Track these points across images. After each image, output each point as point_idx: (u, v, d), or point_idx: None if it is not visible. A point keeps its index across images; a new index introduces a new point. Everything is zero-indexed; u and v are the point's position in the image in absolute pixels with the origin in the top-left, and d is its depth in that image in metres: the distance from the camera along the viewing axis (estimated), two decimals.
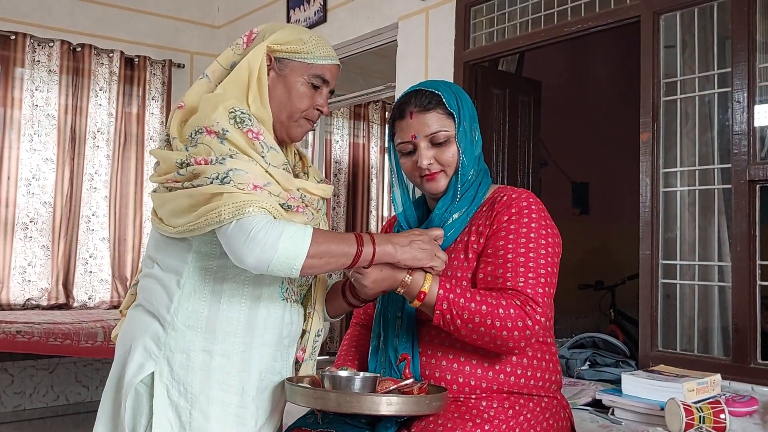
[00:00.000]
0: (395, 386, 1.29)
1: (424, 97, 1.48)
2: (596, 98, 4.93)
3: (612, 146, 4.71)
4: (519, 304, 1.33)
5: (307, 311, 1.53)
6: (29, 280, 4.52)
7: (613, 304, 4.24)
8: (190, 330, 1.37)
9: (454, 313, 1.32)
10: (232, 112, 1.34)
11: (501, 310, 1.32)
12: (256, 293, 1.40)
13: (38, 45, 4.60)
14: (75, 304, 4.61)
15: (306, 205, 1.41)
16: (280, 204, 1.33)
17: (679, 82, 2.55)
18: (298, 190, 1.39)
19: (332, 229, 5.82)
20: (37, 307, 4.48)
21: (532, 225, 1.42)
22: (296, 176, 1.51)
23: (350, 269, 1.34)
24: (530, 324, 1.33)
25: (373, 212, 6.03)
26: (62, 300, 4.57)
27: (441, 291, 1.34)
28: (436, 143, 1.47)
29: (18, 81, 4.53)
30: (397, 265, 1.34)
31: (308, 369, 1.51)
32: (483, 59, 3.34)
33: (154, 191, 1.42)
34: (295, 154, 1.60)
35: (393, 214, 1.70)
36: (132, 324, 1.44)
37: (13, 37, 4.50)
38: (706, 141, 2.53)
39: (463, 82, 3.31)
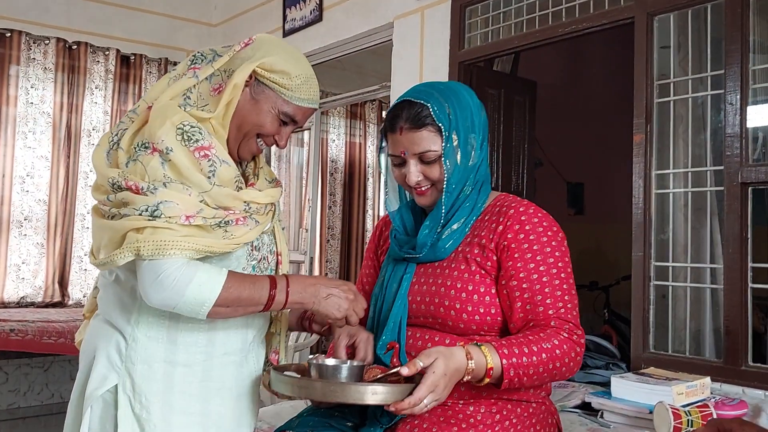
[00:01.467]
0: (382, 374, 1.29)
1: (414, 112, 1.42)
2: (591, 99, 4.93)
3: (607, 146, 4.69)
4: (566, 336, 1.35)
5: (272, 314, 1.53)
6: (23, 278, 4.51)
7: (607, 304, 4.23)
8: (152, 341, 1.36)
9: (521, 374, 1.29)
10: (180, 127, 1.30)
11: (558, 351, 1.32)
12: None
13: (34, 42, 4.59)
14: (70, 302, 4.61)
15: (250, 215, 1.38)
16: (216, 223, 1.31)
17: (672, 84, 2.55)
18: (245, 202, 1.37)
19: (328, 228, 5.83)
20: (32, 304, 4.47)
21: (553, 243, 1.41)
22: (246, 180, 1.49)
23: (264, 312, 1.36)
24: (579, 350, 1.36)
25: (370, 211, 6.03)
26: (57, 298, 4.57)
27: (504, 361, 1.27)
28: (425, 161, 1.44)
29: (13, 78, 4.52)
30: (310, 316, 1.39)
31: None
32: (478, 59, 3.34)
33: (93, 209, 1.39)
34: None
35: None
36: (94, 334, 1.43)
37: (8, 35, 4.50)
38: (699, 143, 2.52)
39: (457, 81, 3.30)
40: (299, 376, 1.32)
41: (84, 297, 4.69)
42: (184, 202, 1.27)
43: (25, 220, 4.53)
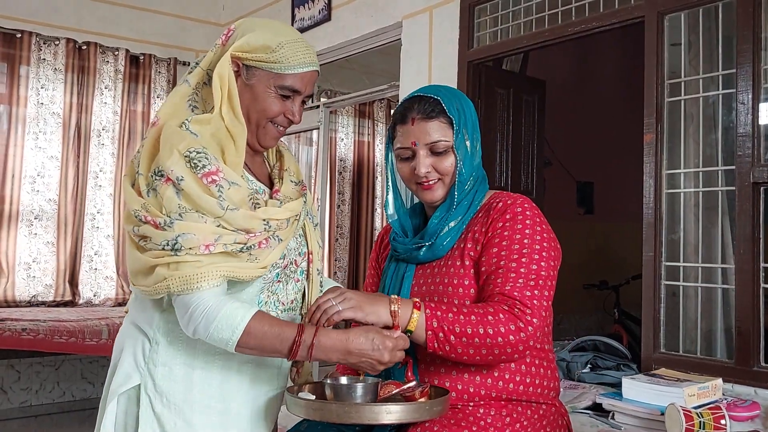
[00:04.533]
0: (397, 390, 1.29)
1: (427, 104, 1.47)
2: (601, 98, 4.91)
3: (617, 145, 4.68)
4: (507, 308, 1.33)
5: (302, 313, 1.52)
6: (34, 276, 4.53)
7: (618, 303, 4.22)
8: (172, 345, 1.39)
9: (446, 329, 1.31)
10: (186, 156, 1.30)
11: (490, 317, 1.31)
12: None
13: (44, 43, 4.60)
14: (80, 301, 4.63)
15: (272, 234, 1.37)
16: (238, 250, 1.31)
17: (683, 83, 2.53)
18: (264, 221, 1.35)
19: (337, 227, 5.83)
20: (43, 303, 4.50)
21: (526, 231, 1.41)
22: (272, 183, 1.49)
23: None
24: (522, 326, 1.31)
25: (378, 210, 6.03)
26: (68, 297, 4.59)
27: (428, 311, 1.32)
28: (435, 152, 1.47)
29: (23, 79, 4.54)
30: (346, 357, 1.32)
31: (309, 365, 1.52)
32: (487, 59, 3.33)
33: (128, 233, 1.41)
34: (276, 152, 1.57)
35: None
36: (124, 333, 1.47)
37: (18, 36, 4.51)
38: (710, 142, 2.51)
39: (466, 81, 3.30)
40: (314, 397, 1.33)
41: (94, 296, 4.71)
42: (201, 232, 1.28)
43: (35, 219, 4.55)
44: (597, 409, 2.04)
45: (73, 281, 4.64)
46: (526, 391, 1.42)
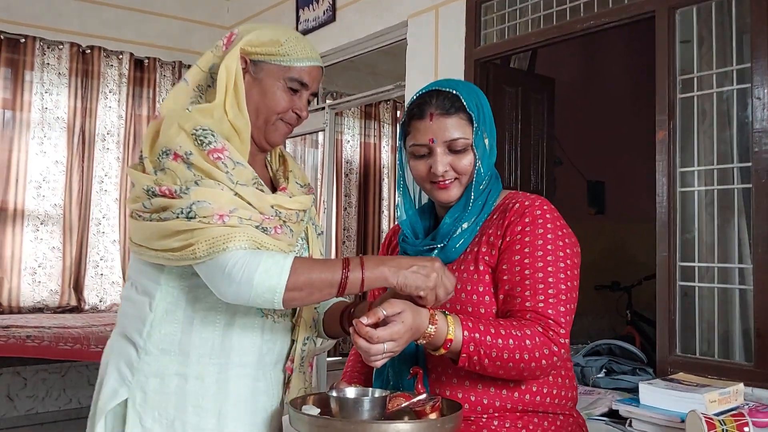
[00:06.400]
0: (407, 403, 1.23)
1: (446, 99, 1.39)
2: (611, 95, 4.84)
3: (628, 144, 4.61)
4: (541, 330, 1.26)
5: (293, 320, 1.46)
6: (39, 282, 4.51)
7: (630, 305, 4.16)
8: (164, 354, 1.32)
9: (482, 353, 1.23)
10: (193, 133, 1.28)
11: (528, 341, 1.24)
12: (231, 311, 1.34)
13: (48, 48, 4.59)
14: (86, 307, 4.61)
15: (284, 222, 1.34)
16: (255, 226, 1.27)
17: (695, 79, 2.47)
18: (272, 207, 1.32)
19: (344, 230, 5.79)
20: (48, 309, 4.48)
21: (548, 236, 1.33)
22: (275, 184, 1.45)
23: (339, 297, 1.26)
24: (555, 350, 1.26)
25: (385, 212, 5.98)
26: (73, 303, 4.57)
27: (466, 332, 1.23)
28: (453, 150, 1.39)
29: (28, 84, 4.53)
30: (396, 290, 1.23)
31: (299, 382, 1.44)
32: (494, 57, 3.28)
33: (131, 216, 1.37)
34: (279, 156, 1.53)
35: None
36: (109, 347, 1.41)
37: (22, 41, 4.50)
38: (725, 139, 2.44)
39: (474, 80, 3.24)
40: (318, 411, 1.24)
41: (100, 302, 4.68)
42: (218, 200, 1.23)
43: (41, 224, 4.54)
44: (613, 415, 1.98)
45: (79, 287, 4.62)
46: (543, 402, 1.35)
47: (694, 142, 2.47)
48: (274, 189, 1.45)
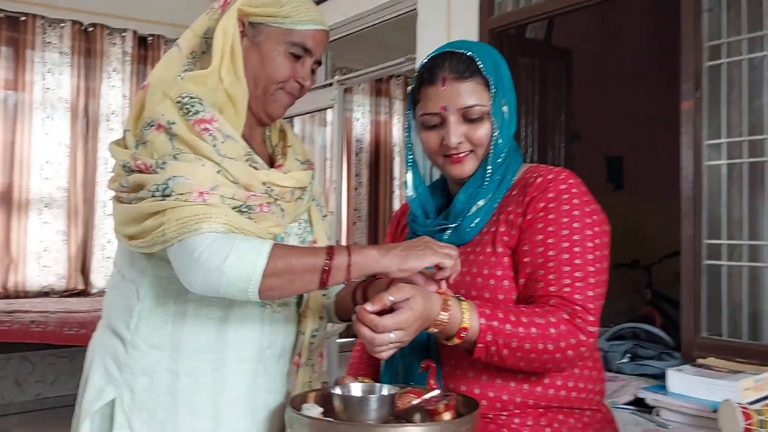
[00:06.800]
0: (418, 400, 1.11)
1: (459, 62, 1.25)
2: (631, 66, 4.69)
3: (648, 117, 4.48)
4: (567, 318, 1.13)
5: (300, 310, 1.34)
6: (45, 266, 4.46)
7: (650, 284, 4.05)
8: (154, 349, 1.20)
9: (501, 343, 1.10)
10: (179, 101, 1.16)
11: (552, 330, 1.11)
12: (227, 301, 1.20)
13: (49, 26, 4.49)
14: (93, 291, 4.55)
15: (275, 200, 1.21)
16: (237, 206, 1.15)
17: (724, 45, 2.33)
18: (264, 184, 1.19)
19: (355, 210, 5.68)
20: (54, 293, 4.43)
21: (574, 213, 1.20)
22: (274, 160, 1.32)
23: (324, 287, 1.11)
24: (583, 339, 1.13)
25: (397, 192, 5.87)
26: (80, 286, 4.52)
27: (482, 320, 1.10)
28: (468, 118, 1.25)
29: (29, 64, 4.43)
30: (386, 274, 1.10)
31: (305, 376, 1.32)
32: (509, 26, 3.15)
33: (113, 199, 1.26)
34: (279, 130, 1.41)
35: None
36: (95, 340, 1.30)
37: (23, 19, 4.40)
38: (756, 109, 2.31)
39: None
40: (321, 411, 1.12)
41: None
42: (197, 175, 1.11)
43: (45, 207, 4.47)
44: (639, 404, 1.86)
45: (85, 270, 4.56)
46: (569, 397, 1.22)
47: (723, 113, 2.34)
48: (272, 165, 1.33)
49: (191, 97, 1.16)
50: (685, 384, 1.76)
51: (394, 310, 1.04)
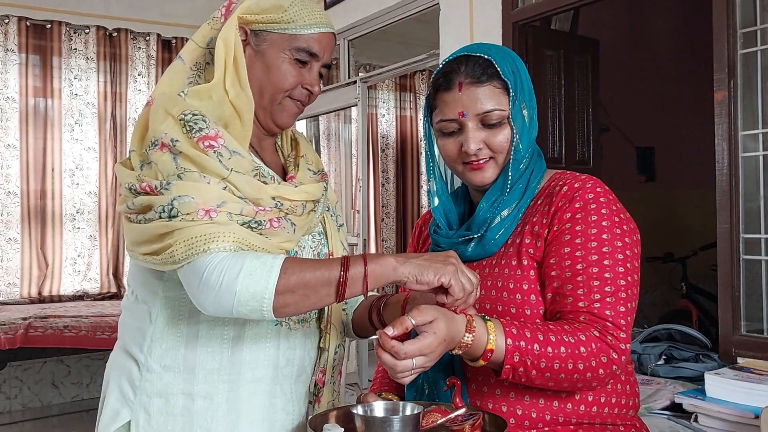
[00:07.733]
0: (443, 419, 1.07)
1: (476, 66, 1.20)
2: (660, 55, 4.59)
3: (679, 107, 4.38)
4: (598, 335, 1.09)
5: (322, 326, 1.30)
6: (79, 271, 4.53)
7: (685, 277, 3.96)
8: (168, 371, 1.18)
9: (528, 364, 1.06)
10: (181, 118, 1.12)
11: (583, 349, 1.07)
12: (240, 320, 1.17)
13: (74, 32, 4.54)
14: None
15: (285, 215, 1.17)
16: (246, 222, 1.11)
17: (759, 32, 2.24)
18: (273, 198, 1.15)
19: (383, 206, 5.64)
20: (88, 297, 4.49)
21: (603, 223, 1.15)
22: (286, 171, 1.28)
23: (341, 300, 1.07)
24: (615, 357, 1.08)
25: (424, 186, 5.82)
26: (113, 290, 4.58)
27: (509, 341, 1.06)
28: (487, 124, 1.21)
29: (56, 70, 4.50)
30: (402, 285, 1.05)
31: (329, 394, 1.29)
32: (534, 18, 3.08)
33: (123, 219, 1.22)
34: (291, 139, 1.36)
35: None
36: (111, 362, 1.27)
37: (48, 26, 4.45)
38: None
39: (512, 44, 3.06)
40: (342, 430, 1.06)
41: None
42: (202, 193, 1.07)
43: (77, 213, 4.53)
44: (676, 409, 1.80)
45: (118, 274, 4.62)
46: (600, 413, 1.17)
47: (758, 102, 2.25)
48: (285, 175, 1.29)
49: (194, 114, 1.13)
50: (725, 388, 1.69)
51: (418, 333, 1.01)
